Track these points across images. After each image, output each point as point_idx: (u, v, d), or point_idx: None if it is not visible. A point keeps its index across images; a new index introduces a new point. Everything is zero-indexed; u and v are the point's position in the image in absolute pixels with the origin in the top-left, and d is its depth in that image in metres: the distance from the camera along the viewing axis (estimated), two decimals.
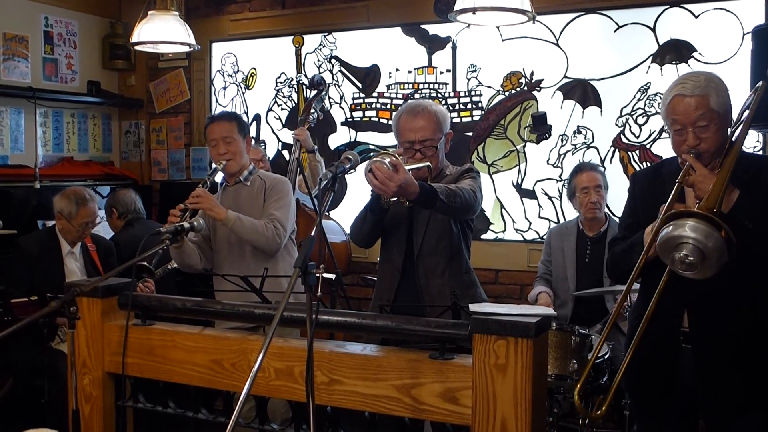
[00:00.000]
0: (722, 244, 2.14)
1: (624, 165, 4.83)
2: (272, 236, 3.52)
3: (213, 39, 6.14)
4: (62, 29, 5.99)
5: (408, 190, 2.75)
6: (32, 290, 3.95)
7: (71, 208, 4.24)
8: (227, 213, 3.48)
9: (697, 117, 2.41)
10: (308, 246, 1.97)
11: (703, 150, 2.42)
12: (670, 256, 2.22)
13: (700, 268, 2.18)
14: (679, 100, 2.44)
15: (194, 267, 3.64)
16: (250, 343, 2.42)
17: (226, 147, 3.65)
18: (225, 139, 3.66)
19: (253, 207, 3.66)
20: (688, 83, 2.45)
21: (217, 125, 3.71)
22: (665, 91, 2.55)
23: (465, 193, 2.97)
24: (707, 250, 2.15)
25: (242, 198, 3.71)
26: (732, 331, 2.48)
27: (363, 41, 5.60)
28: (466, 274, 3.22)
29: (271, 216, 3.58)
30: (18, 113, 5.66)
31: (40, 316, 2.25)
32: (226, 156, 3.65)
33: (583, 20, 4.92)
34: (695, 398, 2.58)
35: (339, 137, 5.73)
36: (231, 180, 3.76)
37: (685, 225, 2.17)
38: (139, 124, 6.50)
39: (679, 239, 2.18)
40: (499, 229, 5.21)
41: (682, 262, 2.19)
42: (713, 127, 2.42)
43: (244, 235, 3.51)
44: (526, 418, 2.01)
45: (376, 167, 2.72)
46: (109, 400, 2.65)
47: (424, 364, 2.16)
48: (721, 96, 2.44)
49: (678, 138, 2.48)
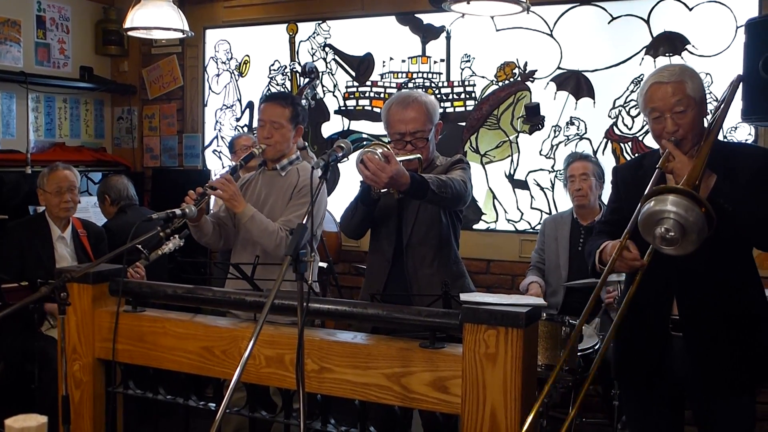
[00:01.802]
0: (702, 219, 2.17)
1: (616, 156, 4.83)
2: (280, 244, 3.35)
3: (207, 26, 6.11)
4: (55, 14, 5.95)
5: (399, 181, 2.75)
6: (23, 276, 3.94)
7: (43, 177, 4.28)
8: (245, 208, 3.36)
9: (675, 103, 2.49)
10: (300, 234, 1.97)
11: (681, 136, 2.49)
12: (652, 231, 2.23)
13: (681, 243, 2.20)
14: (657, 87, 2.53)
15: (212, 245, 3.56)
16: (240, 330, 2.43)
17: (272, 131, 3.49)
18: (273, 123, 3.50)
19: (279, 200, 3.53)
20: (664, 72, 2.56)
21: (270, 106, 3.54)
22: (641, 84, 2.64)
23: (456, 183, 2.98)
24: (688, 224, 2.17)
25: (274, 187, 3.57)
26: (721, 316, 2.51)
27: (357, 30, 5.59)
28: (454, 265, 3.24)
29: (289, 223, 3.41)
30: (10, 98, 5.62)
31: (30, 302, 2.24)
32: (269, 141, 3.50)
33: (577, 11, 4.92)
34: (683, 387, 2.61)
35: (332, 126, 5.72)
36: (269, 165, 3.61)
37: (666, 200, 2.21)
38: (131, 110, 6.47)
39: (661, 214, 2.20)
40: (491, 220, 5.22)
41: (663, 237, 2.21)
42: (690, 113, 2.50)
43: (254, 235, 3.39)
44: (516, 407, 2.02)
45: (367, 158, 2.72)
46: (99, 387, 2.65)
47: (414, 352, 2.16)
48: (696, 83, 2.53)
49: (657, 126, 2.55)
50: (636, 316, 2.54)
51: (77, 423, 2.60)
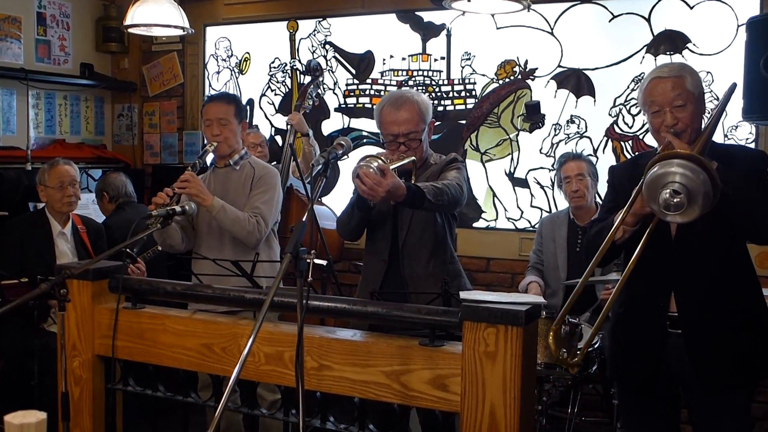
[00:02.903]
0: (708, 182, 2.16)
1: (617, 155, 4.83)
2: (253, 230, 3.49)
3: (207, 23, 6.11)
4: (55, 11, 5.95)
5: (396, 194, 2.77)
6: (23, 272, 3.94)
7: (44, 173, 4.28)
8: (213, 201, 3.45)
9: (674, 97, 2.53)
10: (299, 232, 1.97)
11: (680, 129, 2.53)
12: (657, 197, 2.21)
13: (687, 208, 2.17)
14: (657, 82, 2.58)
15: (175, 247, 3.61)
16: (240, 327, 2.42)
17: (220, 128, 3.63)
18: (220, 121, 3.64)
19: (239, 193, 3.64)
20: (664, 68, 2.63)
21: (215, 105, 3.70)
22: (641, 82, 2.69)
23: (452, 189, 2.98)
24: (694, 186, 2.15)
25: (230, 182, 3.69)
26: (719, 313, 2.52)
27: (357, 27, 5.58)
28: (451, 264, 3.24)
29: (255, 209, 3.54)
30: (10, 95, 5.62)
31: (30, 298, 2.24)
32: (219, 138, 3.63)
33: (578, 9, 4.91)
34: (679, 385, 2.61)
35: (332, 123, 5.72)
36: (221, 162, 3.73)
37: (672, 163, 2.20)
38: (131, 107, 6.47)
39: (667, 177, 2.19)
40: (490, 218, 5.22)
41: (669, 202, 2.18)
42: (689, 107, 2.54)
43: (225, 225, 3.49)
44: (515, 405, 2.01)
45: (363, 173, 2.73)
46: (98, 383, 2.65)
47: (413, 350, 2.16)
48: (695, 79, 2.59)
49: (656, 120, 2.58)
50: (633, 314, 2.55)
51: (77, 419, 2.60)
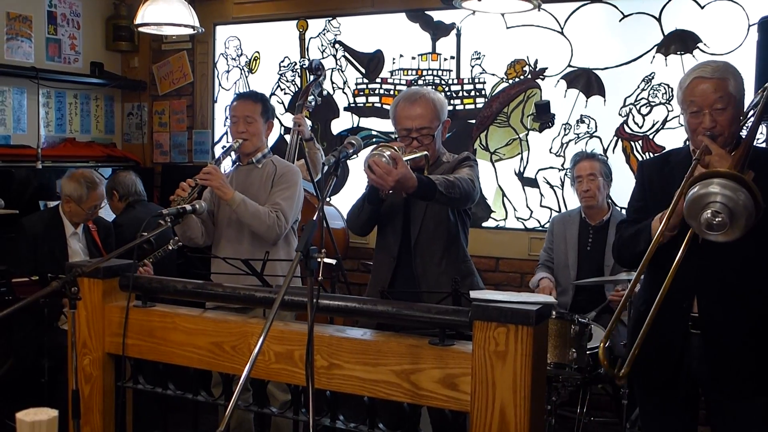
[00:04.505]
0: (751, 202, 2.09)
1: (626, 155, 4.82)
2: (273, 225, 3.52)
3: (217, 22, 6.12)
4: (66, 9, 5.97)
5: (406, 184, 2.75)
6: (35, 270, 3.96)
7: (82, 192, 4.23)
8: (234, 194, 3.50)
9: (715, 99, 2.46)
10: (310, 231, 1.97)
11: (718, 132, 2.47)
12: (698, 217, 2.15)
13: (729, 228, 2.11)
14: (699, 82, 2.50)
15: (195, 241, 3.64)
16: (250, 326, 2.43)
17: (246, 126, 3.67)
18: (246, 119, 3.68)
19: (260, 191, 3.67)
20: (707, 67, 2.52)
21: (242, 103, 3.73)
22: (682, 76, 2.59)
23: (464, 183, 2.96)
24: (736, 206, 2.09)
25: (251, 180, 3.72)
26: (741, 315, 2.49)
27: (367, 27, 5.58)
28: (463, 263, 3.21)
29: (276, 205, 3.58)
30: (21, 93, 5.65)
31: (40, 296, 2.25)
32: (244, 135, 3.67)
33: (588, 9, 4.90)
34: (699, 386, 2.59)
35: (342, 122, 5.72)
36: (244, 160, 3.77)
37: (712, 183, 2.13)
38: (141, 106, 6.49)
39: (708, 197, 2.12)
40: (500, 217, 5.21)
41: (710, 222, 2.12)
42: (730, 111, 2.47)
43: (245, 219, 3.52)
44: (525, 405, 2.01)
45: (374, 161, 2.71)
46: (109, 381, 2.66)
47: (423, 350, 2.16)
48: (739, 82, 2.51)
49: (694, 120, 2.52)
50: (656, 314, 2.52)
51: (87, 417, 2.61)
